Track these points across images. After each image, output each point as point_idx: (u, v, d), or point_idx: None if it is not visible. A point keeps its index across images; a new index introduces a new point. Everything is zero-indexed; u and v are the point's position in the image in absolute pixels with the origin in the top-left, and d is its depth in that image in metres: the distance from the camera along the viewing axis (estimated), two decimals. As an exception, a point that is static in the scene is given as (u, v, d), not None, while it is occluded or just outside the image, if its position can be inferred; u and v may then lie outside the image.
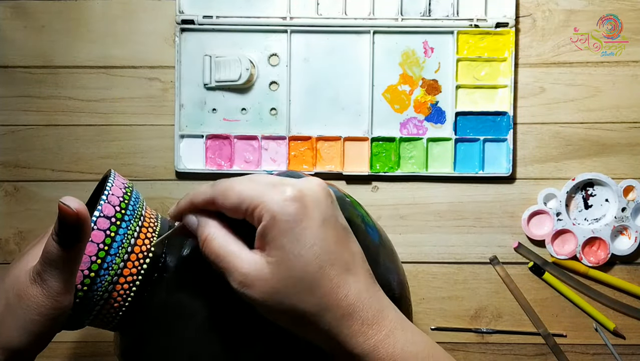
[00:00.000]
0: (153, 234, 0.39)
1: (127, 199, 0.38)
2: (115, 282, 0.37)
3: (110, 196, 0.37)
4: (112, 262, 0.36)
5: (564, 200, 0.67)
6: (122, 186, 0.39)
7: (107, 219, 0.36)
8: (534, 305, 0.68)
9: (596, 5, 0.68)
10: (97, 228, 0.36)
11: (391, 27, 0.67)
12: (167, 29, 0.69)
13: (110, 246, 0.36)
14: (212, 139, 0.69)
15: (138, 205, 0.39)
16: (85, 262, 0.35)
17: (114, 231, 0.36)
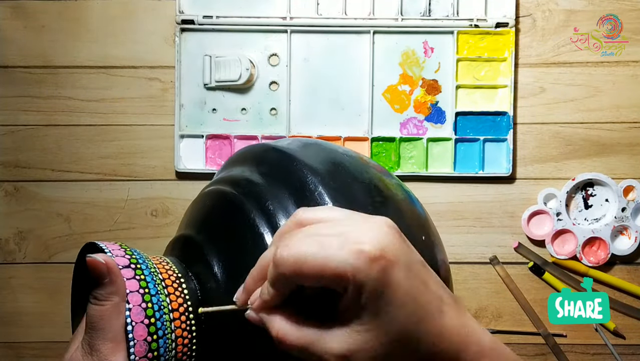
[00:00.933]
0: (168, 265, 0.38)
1: (135, 262, 0.36)
2: (173, 319, 0.35)
3: (123, 270, 0.35)
4: (159, 300, 0.35)
5: (564, 200, 0.67)
6: (122, 253, 0.36)
7: (128, 268, 0.35)
8: (534, 305, 0.68)
9: (596, 5, 0.68)
10: (125, 278, 0.34)
11: (391, 27, 0.67)
12: (167, 29, 0.69)
13: (147, 288, 0.35)
14: (212, 139, 0.69)
15: (146, 260, 0.37)
16: (138, 313, 0.33)
17: (140, 274, 0.35)
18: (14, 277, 0.70)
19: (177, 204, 0.69)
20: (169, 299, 0.35)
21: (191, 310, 0.36)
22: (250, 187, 0.40)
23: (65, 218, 0.69)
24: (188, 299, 0.37)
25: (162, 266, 0.37)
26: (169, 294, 0.36)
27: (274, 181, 0.40)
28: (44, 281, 0.70)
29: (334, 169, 0.40)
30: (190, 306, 0.36)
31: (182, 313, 0.36)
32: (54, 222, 0.69)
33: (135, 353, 0.33)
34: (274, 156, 0.41)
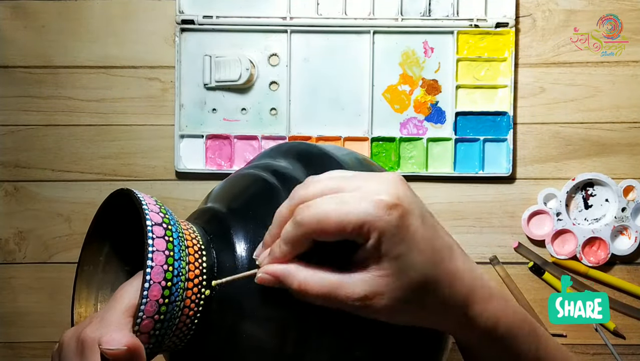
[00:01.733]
0: (195, 234, 0.38)
1: (167, 222, 0.36)
2: (186, 288, 0.35)
3: (155, 227, 0.34)
4: (180, 266, 0.35)
5: (564, 200, 0.67)
6: (157, 209, 0.36)
7: (160, 226, 0.34)
8: (534, 305, 0.68)
9: (596, 5, 0.68)
10: (156, 235, 0.34)
11: (391, 27, 0.67)
12: (167, 29, 0.69)
13: (173, 251, 0.34)
14: (212, 139, 0.69)
15: (177, 223, 0.37)
16: (159, 273, 0.33)
17: (170, 236, 0.35)
18: (14, 277, 0.70)
19: (177, 204, 0.69)
20: (188, 268, 0.35)
21: (204, 284, 0.36)
22: (290, 181, 0.40)
23: (65, 218, 0.69)
24: (205, 272, 0.37)
25: (188, 233, 0.37)
26: (189, 263, 0.36)
27: (308, 170, 0.40)
28: (44, 281, 0.70)
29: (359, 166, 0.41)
30: (205, 280, 0.36)
31: (195, 285, 0.36)
32: (54, 222, 0.69)
33: (145, 312, 0.33)
34: (322, 160, 0.42)
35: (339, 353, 0.36)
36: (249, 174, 0.43)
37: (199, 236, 0.38)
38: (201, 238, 0.38)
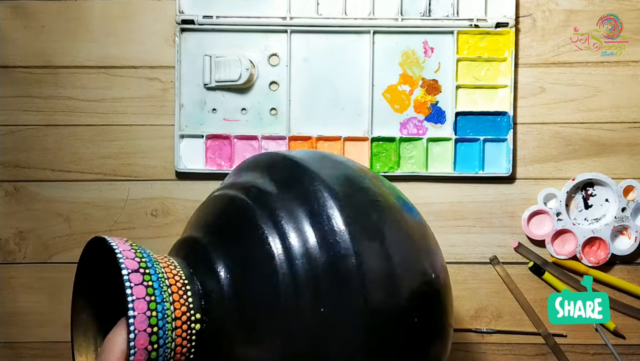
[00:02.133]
0: (176, 269, 0.38)
1: (144, 266, 0.35)
2: (175, 328, 0.35)
3: (132, 275, 0.34)
4: (164, 308, 0.34)
5: (564, 200, 0.67)
6: (132, 255, 0.36)
7: (137, 273, 0.34)
8: (534, 305, 0.68)
9: (596, 5, 0.68)
10: (134, 283, 0.33)
11: (391, 27, 0.67)
12: (167, 29, 0.69)
13: (154, 295, 0.34)
14: (212, 139, 0.69)
15: (155, 263, 0.37)
16: (142, 321, 0.33)
17: (148, 280, 0.34)
18: (14, 277, 0.70)
19: (177, 204, 0.69)
20: (173, 307, 0.35)
21: (193, 319, 0.36)
22: (260, 194, 0.40)
23: (65, 218, 0.69)
24: (192, 308, 0.36)
25: (169, 270, 0.37)
26: (174, 302, 0.35)
27: (286, 190, 0.40)
28: (44, 281, 0.70)
29: (346, 184, 0.40)
30: (193, 315, 0.36)
31: (184, 322, 0.36)
32: (54, 222, 0.69)
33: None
34: (287, 166, 0.42)
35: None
36: (221, 196, 0.43)
37: (181, 271, 0.38)
38: (183, 271, 0.38)
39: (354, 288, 0.36)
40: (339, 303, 0.36)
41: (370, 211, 0.39)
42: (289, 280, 0.36)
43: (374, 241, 0.37)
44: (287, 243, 0.37)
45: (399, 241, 0.39)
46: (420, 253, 0.40)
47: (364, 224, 0.38)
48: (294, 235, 0.37)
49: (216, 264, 0.38)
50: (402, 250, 0.39)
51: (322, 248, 0.37)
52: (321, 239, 0.37)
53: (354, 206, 0.38)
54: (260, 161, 0.45)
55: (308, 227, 0.37)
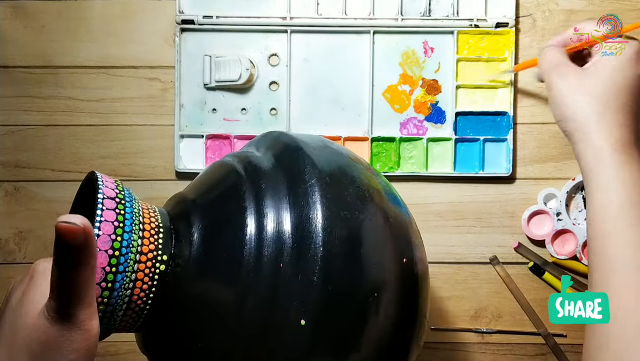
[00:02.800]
0: (155, 214, 0.40)
1: (121, 198, 0.37)
2: (138, 260, 0.36)
3: (106, 200, 0.36)
4: (130, 238, 0.36)
5: (564, 200, 0.67)
6: (113, 186, 0.38)
7: (112, 200, 0.36)
8: (534, 305, 0.68)
9: (596, 5, 0.68)
10: (106, 208, 0.35)
11: (391, 27, 0.67)
12: (167, 29, 0.69)
13: (123, 223, 0.36)
14: (212, 139, 0.69)
15: (134, 200, 0.39)
16: (106, 241, 0.34)
17: (121, 209, 0.36)
18: (14, 277, 0.69)
19: (177, 204, 0.69)
20: (142, 242, 0.37)
21: (159, 259, 0.38)
22: (254, 169, 0.42)
23: (65, 218, 0.69)
24: (160, 248, 0.38)
25: (148, 212, 0.39)
26: (144, 238, 0.37)
27: (279, 169, 0.42)
28: (44, 281, 0.70)
29: (335, 169, 0.41)
30: (160, 255, 0.38)
31: (149, 259, 0.37)
32: (53, 222, 0.69)
33: None
34: (288, 146, 0.43)
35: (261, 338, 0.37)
36: (222, 161, 0.46)
37: (160, 216, 0.40)
38: (161, 218, 0.40)
39: (314, 277, 0.36)
40: (295, 290, 0.36)
41: (353, 204, 0.40)
42: (254, 258, 0.37)
43: (348, 237, 0.38)
44: (262, 223, 0.38)
45: (376, 234, 0.40)
46: (395, 242, 0.41)
47: (343, 218, 0.38)
48: (271, 217, 0.39)
49: (193, 219, 0.41)
50: (376, 243, 0.40)
51: (295, 234, 0.38)
52: (296, 226, 0.38)
53: (338, 198, 0.39)
54: (269, 136, 0.47)
55: (286, 211, 0.39)
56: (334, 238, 0.37)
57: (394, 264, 0.40)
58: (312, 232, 0.37)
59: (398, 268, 0.40)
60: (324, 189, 0.39)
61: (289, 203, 0.39)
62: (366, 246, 0.39)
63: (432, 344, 0.69)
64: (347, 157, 0.45)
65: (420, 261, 0.43)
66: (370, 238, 0.39)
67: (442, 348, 0.69)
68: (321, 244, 0.37)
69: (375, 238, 0.40)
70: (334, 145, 0.47)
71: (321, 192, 0.39)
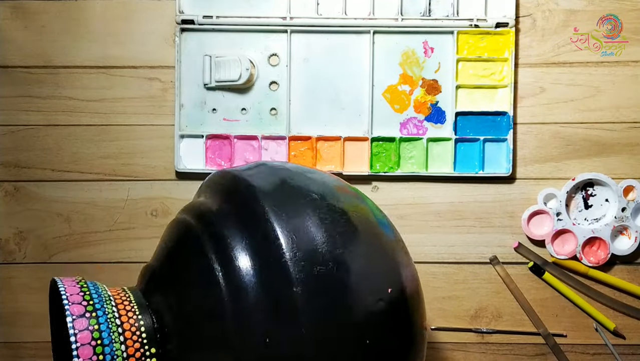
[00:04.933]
0: (131, 304, 0.38)
1: (91, 310, 0.36)
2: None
3: (76, 321, 0.35)
4: (112, 350, 0.35)
5: (564, 200, 0.67)
6: (79, 299, 0.36)
7: (82, 318, 0.35)
8: (534, 305, 0.68)
9: (596, 5, 0.68)
10: (78, 330, 0.34)
11: (391, 27, 0.67)
12: (167, 29, 0.69)
13: (101, 338, 0.35)
14: (212, 139, 0.69)
15: (100, 288, 0.37)
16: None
17: (94, 324, 0.35)
18: (14, 277, 0.70)
19: (177, 204, 0.69)
20: (125, 345, 0.36)
21: (148, 354, 0.37)
22: (206, 216, 0.40)
23: (65, 218, 0.69)
24: (146, 343, 0.37)
25: (123, 306, 0.37)
26: (126, 340, 0.36)
27: (228, 208, 0.40)
28: (44, 281, 0.69)
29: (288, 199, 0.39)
30: (148, 350, 0.37)
31: (137, 359, 0.36)
32: (54, 222, 0.69)
33: None
34: (231, 184, 0.42)
35: None
36: (177, 220, 0.44)
37: (135, 306, 0.38)
38: (137, 308, 0.38)
39: (298, 320, 0.35)
40: (282, 336, 0.35)
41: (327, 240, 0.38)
42: (233, 312, 0.36)
43: (323, 271, 0.37)
44: (232, 271, 0.37)
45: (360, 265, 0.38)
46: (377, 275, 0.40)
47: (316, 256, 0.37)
48: (241, 263, 0.37)
49: (168, 295, 0.39)
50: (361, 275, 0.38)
51: (263, 276, 0.36)
52: (264, 268, 0.36)
53: (296, 221, 0.37)
54: (211, 179, 0.45)
55: (249, 256, 0.37)
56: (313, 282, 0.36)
57: (377, 300, 0.39)
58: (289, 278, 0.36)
59: (384, 301, 0.39)
60: (281, 224, 0.37)
61: (254, 252, 0.37)
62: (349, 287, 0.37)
63: (432, 344, 0.69)
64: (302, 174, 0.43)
65: (408, 279, 0.42)
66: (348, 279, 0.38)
67: (442, 348, 0.69)
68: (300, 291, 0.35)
69: (350, 281, 0.38)
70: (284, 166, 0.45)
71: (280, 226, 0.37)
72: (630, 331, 0.68)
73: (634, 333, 0.68)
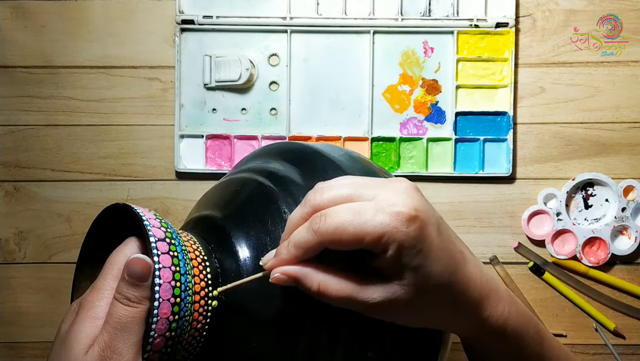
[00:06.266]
0: (196, 245, 0.37)
1: (170, 237, 0.35)
2: (194, 301, 0.35)
3: (159, 243, 0.34)
4: (187, 280, 0.34)
5: (564, 200, 0.67)
6: (158, 224, 0.35)
7: (163, 242, 0.34)
8: (534, 305, 0.68)
9: (596, 5, 0.68)
10: (160, 252, 0.33)
11: (391, 27, 0.67)
12: (167, 29, 0.69)
13: (179, 266, 0.34)
14: (212, 139, 0.69)
15: (178, 235, 0.37)
16: (167, 290, 0.33)
17: (174, 250, 0.34)
18: (14, 277, 0.70)
19: (177, 204, 0.69)
20: (194, 281, 0.35)
21: (210, 295, 0.36)
22: (284, 181, 0.40)
23: (65, 218, 0.69)
24: (210, 283, 0.36)
25: (190, 245, 0.37)
26: (194, 276, 0.35)
27: (310, 179, 0.40)
28: (44, 281, 0.70)
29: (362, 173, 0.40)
30: (210, 291, 0.36)
31: (202, 297, 0.36)
32: (54, 222, 0.69)
33: (156, 330, 0.32)
34: (316, 159, 0.42)
35: (350, 355, 0.36)
36: (241, 178, 0.43)
37: (201, 247, 0.38)
38: (203, 249, 0.38)
39: None
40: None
41: None
42: None
43: None
44: None
45: None
46: None
47: None
48: None
49: (236, 245, 0.38)
50: None
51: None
52: None
53: None
54: (288, 149, 0.45)
55: None
56: None
57: None
58: None
59: None
60: None
61: None
62: None
63: (432, 344, 0.69)
64: (354, 153, 0.44)
65: None
66: None
67: (442, 348, 0.69)
68: None
69: None
70: (345, 149, 0.46)
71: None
72: (630, 331, 0.68)
73: (634, 333, 0.68)
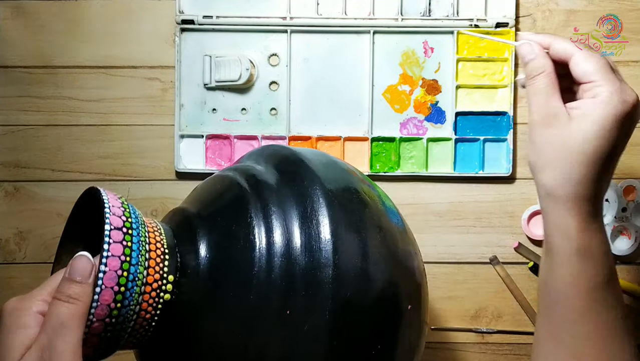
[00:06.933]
0: (160, 237, 0.38)
1: (129, 227, 0.36)
2: (143, 292, 0.36)
3: (113, 232, 0.35)
4: (137, 271, 0.35)
5: (564, 200, 0.67)
6: (120, 212, 0.37)
7: (119, 231, 0.35)
8: (534, 305, 0.68)
9: (596, 5, 0.68)
10: (113, 240, 0.34)
11: (391, 27, 0.67)
12: (167, 29, 0.69)
13: (130, 256, 0.35)
14: (212, 139, 0.69)
15: (140, 226, 0.38)
16: (112, 278, 0.34)
17: (128, 240, 0.35)
18: (14, 277, 0.70)
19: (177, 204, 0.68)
20: (147, 272, 0.36)
21: (164, 288, 0.37)
22: (259, 184, 0.41)
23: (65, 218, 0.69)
24: (165, 277, 0.37)
25: (154, 235, 0.38)
26: (149, 267, 0.36)
27: (285, 186, 0.40)
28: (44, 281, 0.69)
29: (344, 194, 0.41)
30: (165, 284, 0.37)
31: (154, 289, 0.36)
32: (54, 222, 0.69)
33: (95, 315, 0.33)
34: (293, 162, 0.42)
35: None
36: (226, 177, 0.44)
37: (165, 239, 0.39)
38: (167, 241, 0.39)
39: (324, 299, 0.36)
40: (305, 310, 0.36)
41: (360, 226, 0.39)
42: (264, 276, 0.37)
43: (355, 256, 0.38)
44: (271, 238, 0.38)
45: (380, 255, 0.40)
46: (398, 264, 0.41)
47: (350, 238, 0.38)
48: (280, 232, 0.38)
49: (199, 240, 0.39)
50: (380, 265, 0.39)
51: (304, 252, 0.37)
52: (305, 244, 0.37)
53: (345, 218, 0.39)
54: (269, 150, 0.46)
55: (296, 228, 0.38)
56: (345, 257, 0.37)
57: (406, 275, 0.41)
58: (322, 257, 0.37)
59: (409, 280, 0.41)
60: (332, 214, 0.38)
61: (299, 225, 0.38)
62: (373, 275, 0.38)
63: (432, 344, 0.69)
64: (352, 176, 0.44)
65: (418, 270, 0.43)
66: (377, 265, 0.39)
67: (442, 348, 0.69)
68: (332, 265, 0.37)
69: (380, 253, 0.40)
70: (339, 162, 0.46)
71: (330, 216, 0.38)
72: (630, 331, 0.68)
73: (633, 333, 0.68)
